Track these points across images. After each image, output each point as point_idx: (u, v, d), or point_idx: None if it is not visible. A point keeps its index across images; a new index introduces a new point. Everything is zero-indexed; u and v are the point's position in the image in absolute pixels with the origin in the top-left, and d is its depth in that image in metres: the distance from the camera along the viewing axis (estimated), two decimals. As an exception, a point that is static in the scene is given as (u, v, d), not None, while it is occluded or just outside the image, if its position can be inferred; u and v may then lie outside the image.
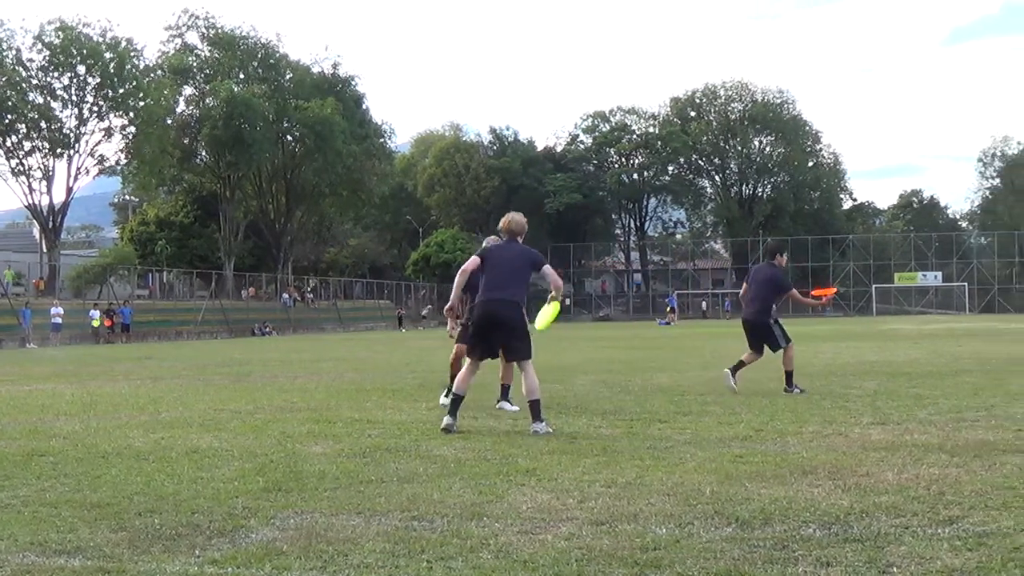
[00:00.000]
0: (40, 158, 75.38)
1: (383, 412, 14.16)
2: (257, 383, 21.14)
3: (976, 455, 9.15)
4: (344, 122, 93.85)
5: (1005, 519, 6.62)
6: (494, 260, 12.34)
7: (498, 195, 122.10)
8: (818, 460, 9.03)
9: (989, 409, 13.05)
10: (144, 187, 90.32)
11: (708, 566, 5.65)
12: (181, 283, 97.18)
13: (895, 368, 21.39)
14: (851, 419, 12.25)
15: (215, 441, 11.35)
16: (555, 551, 6.00)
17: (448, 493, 7.88)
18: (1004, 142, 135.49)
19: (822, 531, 6.37)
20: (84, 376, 24.95)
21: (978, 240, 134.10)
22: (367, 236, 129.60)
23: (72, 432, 12.48)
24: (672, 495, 7.60)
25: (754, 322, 16.71)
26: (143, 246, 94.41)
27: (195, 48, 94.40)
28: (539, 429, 11.57)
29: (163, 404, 16.39)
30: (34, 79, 74.18)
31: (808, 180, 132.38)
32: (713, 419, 12.55)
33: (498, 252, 12.48)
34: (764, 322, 16.59)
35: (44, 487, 8.52)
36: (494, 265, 12.29)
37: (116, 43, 76.03)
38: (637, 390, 17.20)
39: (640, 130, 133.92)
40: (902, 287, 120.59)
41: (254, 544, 6.33)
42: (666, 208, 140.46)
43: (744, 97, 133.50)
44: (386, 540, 6.35)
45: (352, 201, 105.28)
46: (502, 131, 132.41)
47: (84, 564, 5.95)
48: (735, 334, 22.44)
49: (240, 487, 8.31)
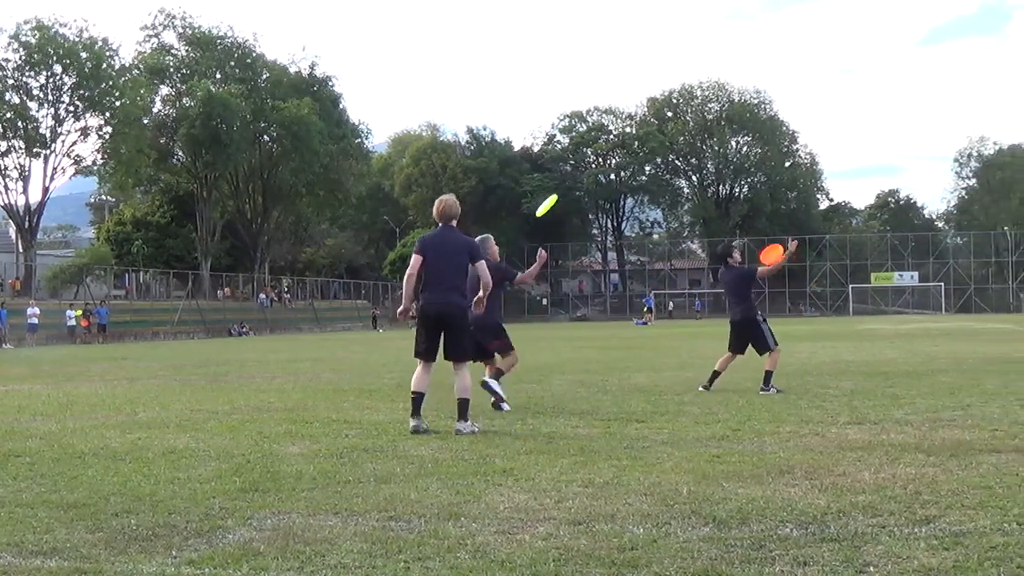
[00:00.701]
0: (16, 158, 75.23)
1: (360, 412, 14.15)
2: (234, 383, 21.10)
3: (952, 454, 9.18)
4: (321, 122, 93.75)
5: (981, 518, 6.64)
6: (431, 254, 12.07)
7: (475, 195, 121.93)
8: (795, 460, 9.05)
9: (965, 409, 13.10)
10: (120, 187, 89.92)
11: (685, 566, 5.66)
12: (158, 283, 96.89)
13: (872, 368, 21.45)
14: (828, 419, 12.28)
15: (192, 441, 11.33)
16: (532, 551, 6.01)
17: (425, 493, 7.88)
18: (980, 142, 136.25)
19: (799, 531, 6.38)
20: (61, 377, 24.88)
21: (954, 240, 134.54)
22: (344, 236, 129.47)
23: (49, 432, 12.44)
24: (649, 495, 7.61)
25: (742, 320, 16.74)
26: (120, 246, 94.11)
27: (172, 48, 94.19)
28: (463, 428, 11.57)
29: (140, 404, 16.35)
30: (10, 79, 73.92)
31: (785, 180, 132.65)
32: (690, 419, 12.57)
33: (434, 244, 12.16)
34: (751, 318, 16.68)
35: (20, 488, 8.49)
36: (432, 260, 12.05)
37: (92, 43, 75.86)
38: (614, 390, 17.22)
39: (617, 130, 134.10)
40: (879, 287, 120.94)
41: (231, 544, 6.32)
42: (643, 208, 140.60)
43: (721, 97, 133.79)
44: (363, 540, 6.35)
45: (329, 201, 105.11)
46: (479, 131, 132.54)
47: (61, 565, 5.93)
48: (710, 334, 22.45)
49: (217, 487, 8.29)
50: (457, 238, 12.18)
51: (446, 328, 11.97)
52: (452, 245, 12.08)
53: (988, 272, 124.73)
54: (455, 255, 12.03)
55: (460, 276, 12.08)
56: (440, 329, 11.98)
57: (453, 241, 12.11)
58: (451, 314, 11.95)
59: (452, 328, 11.98)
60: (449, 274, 11.97)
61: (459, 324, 12.03)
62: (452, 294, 11.98)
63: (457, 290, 12.02)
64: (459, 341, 12.06)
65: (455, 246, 12.08)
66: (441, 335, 12.03)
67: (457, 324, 12.01)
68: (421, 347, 12.12)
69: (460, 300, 12.08)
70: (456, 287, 12.02)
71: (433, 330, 12.01)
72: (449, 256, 12.01)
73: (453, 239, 12.14)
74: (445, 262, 11.99)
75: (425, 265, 12.07)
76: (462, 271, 12.11)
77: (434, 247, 12.12)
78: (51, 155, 76.04)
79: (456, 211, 12.30)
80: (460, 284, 12.08)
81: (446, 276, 11.96)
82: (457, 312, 12.01)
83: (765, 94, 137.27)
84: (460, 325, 12.05)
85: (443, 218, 12.22)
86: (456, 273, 12.03)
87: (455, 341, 12.03)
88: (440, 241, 12.13)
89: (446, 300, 11.94)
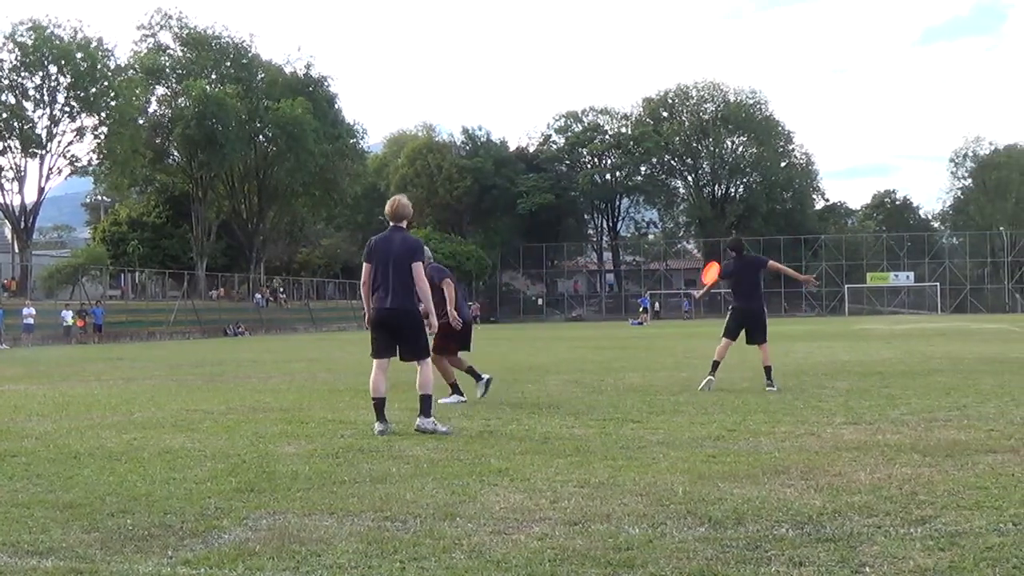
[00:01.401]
0: (12, 158, 75.13)
1: (356, 412, 14.14)
2: (229, 383, 21.10)
3: (948, 455, 9.18)
4: (316, 122, 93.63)
5: (977, 519, 6.65)
6: (376, 258, 12.08)
7: (470, 195, 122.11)
8: (791, 460, 9.05)
9: (961, 409, 13.11)
10: (116, 187, 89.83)
11: (681, 566, 5.66)
12: (153, 283, 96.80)
13: (867, 368, 21.45)
14: (824, 419, 12.28)
15: (187, 442, 11.32)
16: (528, 551, 6.01)
17: (421, 493, 7.87)
18: (976, 142, 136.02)
19: (795, 531, 6.38)
20: (56, 377, 24.87)
21: (950, 240, 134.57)
22: (339, 236, 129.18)
23: (44, 433, 12.44)
24: (645, 495, 7.61)
25: (753, 308, 17.21)
26: (115, 246, 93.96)
27: (167, 48, 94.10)
28: (425, 426, 11.62)
29: (136, 405, 16.34)
30: (5, 79, 73.87)
31: (780, 180, 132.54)
32: (686, 419, 12.57)
33: (379, 248, 12.12)
34: (762, 308, 17.31)
35: (16, 488, 8.49)
36: (377, 264, 12.07)
37: (87, 43, 75.76)
38: (610, 390, 17.22)
39: (612, 130, 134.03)
40: (874, 287, 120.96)
41: (227, 545, 6.32)
42: (639, 208, 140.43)
43: (717, 97, 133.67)
44: (359, 540, 6.35)
45: (324, 201, 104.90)
46: (474, 131, 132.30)
47: (56, 565, 5.93)
48: (705, 334, 22.42)
49: (212, 487, 8.29)
50: (401, 238, 12.11)
51: (397, 332, 12.03)
52: (394, 247, 12.03)
53: (984, 272, 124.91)
54: (397, 258, 11.95)
55: (402, 281, 11.93)
56: (392, 333, 12.04)
57: (396, 243, 12.06)
58: (398, 323, 11.99)
59: (402, 332, 12.03)
60: (392, 281, 11.93)
61: (409, 327, 12.06)
62: (399, 298, 11.93)
63: (400, 299, 11.94)
64: (412, 343, 12.11)
65: (398, 248, 12.01)
66: (393, 337, 12.08)
67: (407, 328, 12.04)
68: (374, 348, 12.16)
69: (409, 303, 12.02)
70: (399, 296, 11.93)
71: (386, 334, 12.06)
72: (395, 260, 11.95)
73: (398, 240, 12.09)
74: (389, 267, 11.96)
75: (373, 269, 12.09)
76: (405, 275, 11.92)
77: (379, 249, 12.11)
78: (47, 155, 75.92)
79: (408, 212, 12.33)
80: (403, 292, 11.96)
81: (388, 282, 11.94)
82: (406, 316, 12.01)
83: (761, 94, 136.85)
84: (410, 327, 12.08)
85: (394, 218, 12.21)
86: (397, 278, 11.92)
87: (408, 343, 12.09)
88: (384, 244, 12.12)
89: (390, 309, 11.92)
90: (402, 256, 11.92)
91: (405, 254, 11.95)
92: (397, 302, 11.87)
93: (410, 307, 12.04)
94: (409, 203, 12.42)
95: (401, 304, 11.90)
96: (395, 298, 11.87)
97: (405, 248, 11.99)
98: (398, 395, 16.49)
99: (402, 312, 11.92)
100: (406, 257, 11.92)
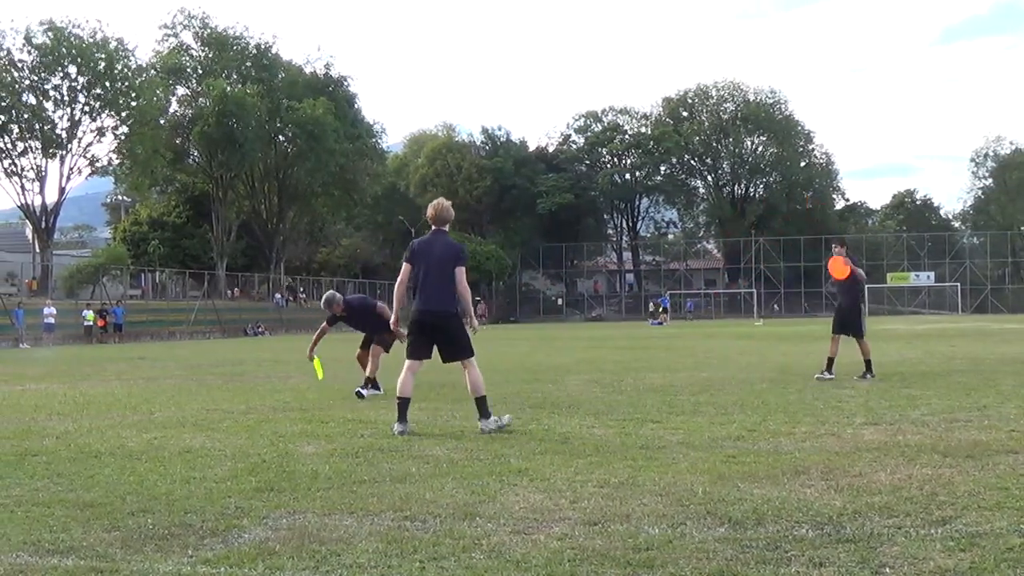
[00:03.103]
0: (33, 158, 75.52)
1: (376, 412, 14.13)
2: (250, 383, 21.13)
3: (969, 455, 9.15)
4: (336, 122, 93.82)
5: (998, 519, 6.62)
6: (420, 261, 12.13)
7: (490, 195, 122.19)
8: (811, 460, 9.03)
9: (982, 409, 13.05)
10: (136, 187, 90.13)
11: (701, 566, 5.65)
12: (174, 283, 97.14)
13: (888, 368, 21.39)
14: (844, 419, 12.24)
15: (208, 441, 11.34)
16: (548, 551, 6.00)
17: (441, 493, 7.87)
18: (996, 142, 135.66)
19: (815, 531, 6.37)
20: (77, 376, 24.93)
21: (971, 240, 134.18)
22: (359, 236, 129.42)
23: (65, 432, 12.47)
24: (665, 495, 7.60)
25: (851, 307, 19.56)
26: (136, 246, 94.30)
27: (189, 48, 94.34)
28: (488, 427, 11.60)
29: (156, 404, 16.38)
30: (26, 80, 74.10)
31: (801, 180, 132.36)
32: (705, 419, 12.55)
33: (423, 251, 12.18)
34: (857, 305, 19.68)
35: (37, 487, 8.51)
36: (420, 267, 12.10)
37: (106, 43, 75.96)
38: (629, 390, 17.19)
39: (632, 130, 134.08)
40: (895, 287, 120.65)
41: (247, 544, 6.33)
42: (658, 208, 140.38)
43: (736, 97, 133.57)
44: (379, 540, 6.35)
45: (344, 201, 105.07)
46: (494, 131, 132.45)
47: (77, 564, 5.94)
48: (727, 334, 22.37)
49: (233, 487, 8.30)
50: (444, 242, 12.16)
51: (437, 335, 12.05)
52: (438, 251, 12.09)
53: (1005, 272, 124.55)
54: (441, 262, 12.01)
55: (446, 285, 11.97)
56: (431, 336, 12.08)
57: (440, 246, 12.12)
58: (442, 326, 12.02)
59: (443, 334, 12.04)
60: (435, 284, 12.00)
61: (450, 329, 12.03)
62: (438, 308, 11.99)
63: (443, 302, 11.99)
64: (454, 344, 12.09)
65: (441, 252, 12.07)
66: (432, 341, 12.11)
67: (448, 330, 12.03)
68: (410, 348, 12.19)
69: (449, 306, 12.02)
70: (442, 300, 11.99)
71: (425, 335, 12.10)
72: (438, 263, 12.01)
73: (441, 243, 12.14)
74: (432, 271, 12.02)
75: (414, 273, 12.18)
76: (448, 279, 11.97)
77: (421, 251, 12.16)
78: (67, 155, 76.30)
79: (450, 216, 12.36)
80: (446, 295, 12.00)
81: (432, 286, 12.01)
82: (447, 318, 12.02)
83: (780, 94, 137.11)
84: (452, 329, 12.05)
85: (436, 221, 12.25)
86: (441, 282, 11.98)
87: (450, 344, 12.11)
88: (428, 247, 12.16)
89: (434, 312, 11.99)
90: (444, 260, 11.99)
91: (448, 258, 12.01)
92: (438, 304, 11.96)
93: (451, 310, 12.04)
94: (451, 207, 12.46)
95: (442, 307, 11.97)
96: (436, 301, 11.96)
97: (448, 252, 12.05)
98: (419, 394, 16.50)
99: (443, 314, 11.97)
100: (449, 261, 11.98)
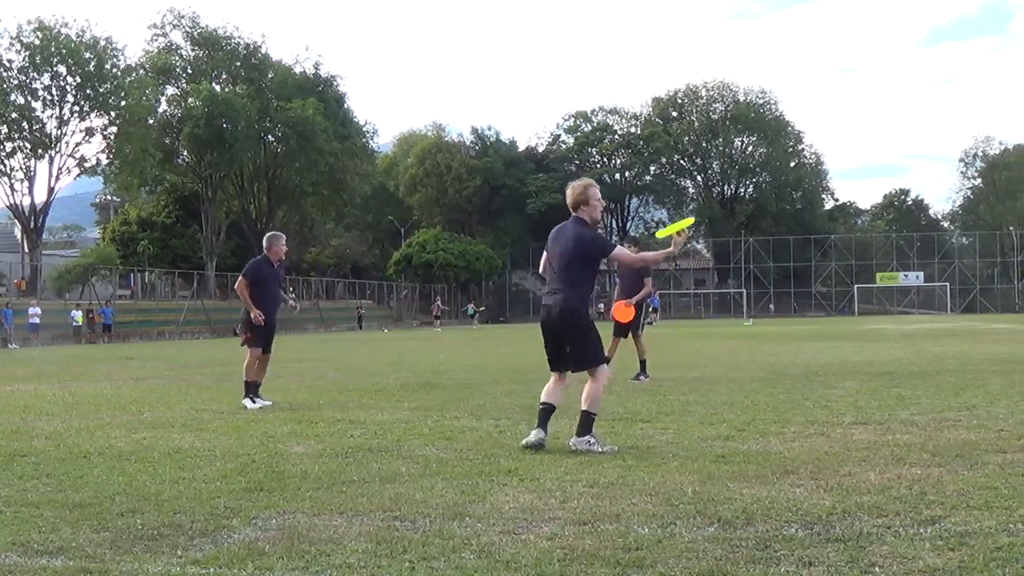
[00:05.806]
0: (22, 159, 75.42)
1: (365, 412, 14.12)
2: (239, 383, 21.03)
3: (958, 455, 9.16)
4: (326, 122, 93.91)
5: (987, 519, 6.62)
6: (549, 250, 10.55)
7: (480, 195, 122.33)
8: (800, 460, 9.03)
9: (971, 409, 13.06)
10: (126, 187, 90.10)
11: (690, 566, 5.65)
12: (163, 283, 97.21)
13: (877, 368, 21.41)
14: (833, 419, 12.25)
15: (197, 441, 11.32)
16: (537, 551, 5.99)
17: (430, 493, 7.86)
18: (986, 142, 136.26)
19: (804, 531, 6.37)
20: (66, 376, 24.91)
21: (960, 240, 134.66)
22: (349, 236, 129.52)
23: (54, 432, 12.44)
24: (654, 495, 7.60)
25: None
26: (125, 246, 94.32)
27: (178, 48, 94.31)
28: (578, 445, 9.92)
29: (145, 404, 16.37)
30: (14, 79, 73.99)
31: (790, 180, 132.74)
32: (695, 419, 12.54)
33: (553, 239, 10.55)
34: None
35: (26, 487, 8.49)
36: (549, 257, 10.55)
37: (95, 43, 75.90)
38: (619, 390, 17.15)
39: (622, 130, 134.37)
40: (884, 287, 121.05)
41: (236, 544, 6.32)
42: (648, 208, 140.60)
43: (726, 97, 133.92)
44: (368, 540, 6.34)
45: (334, 201, 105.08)
46: (484, 131, 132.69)
47: (66, 564, 5.92)
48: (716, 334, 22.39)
49: (222, 487, 8.29)
50: (570, 232, 10.41)
51: (561, 338, 10.40)
52: (564, 239, 10.43)
53: (994, 272, 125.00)
54: (565, 252, 10.34)
55: (567, 277, 10.28)
56: (555, 340, 10.47)
57: (566, 235, 10.43)
58: (561, 323, 10.31)
59: (568, 337, 10.36)
60: (557, 275, 10.37)
61: (569, 333, 10.33)
62: (557, 301, 10.31)
63: (565, 296, 10.28)
64: (577, 349, 10.33)
65: (566, 241, 10.38)
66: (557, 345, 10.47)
67: (567, 333, 10.33)
68: (550, 360, 10.61)
69: (569, 308, 10.28)
70: (563, 293, 10.29)
71: (549, 342, 10.55)
72: (561, 253, 10.39)
73: (567, 232, 10.45)
74: (555, 261, 10.42)
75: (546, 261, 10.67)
76: (569, 271, 10.29)
77: (552, 240, 10.61)
78: (56, 155, 76.26)
79: (582, 198, 10.45)
80: (568, 289, 10.27)
81: (554, 278, 10.40)
82: (566, 320, 10.28)
83: (770, 94, 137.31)
84: (571, 334, 10.33)
85: (571, 207, 10.55)
86: (563, 273, 10.31)
87: (572, 349, 10.36)
88: (557, 235, 10.58)
89: (551, 306, 10.37)
90: (568, 249, 10.30)
91: (575, 247, 10.28)
92: (557, 300, 10.28)
93: (575, 307, 10.28)
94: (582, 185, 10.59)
95: (561, 303, 10.26)
96: (556, 297, 10.30)
97: (575, 241, 10.28)
98: (409, 395, 16.53)
99: (562, 310, 10.25)
100: (574, 251, 10.27)
